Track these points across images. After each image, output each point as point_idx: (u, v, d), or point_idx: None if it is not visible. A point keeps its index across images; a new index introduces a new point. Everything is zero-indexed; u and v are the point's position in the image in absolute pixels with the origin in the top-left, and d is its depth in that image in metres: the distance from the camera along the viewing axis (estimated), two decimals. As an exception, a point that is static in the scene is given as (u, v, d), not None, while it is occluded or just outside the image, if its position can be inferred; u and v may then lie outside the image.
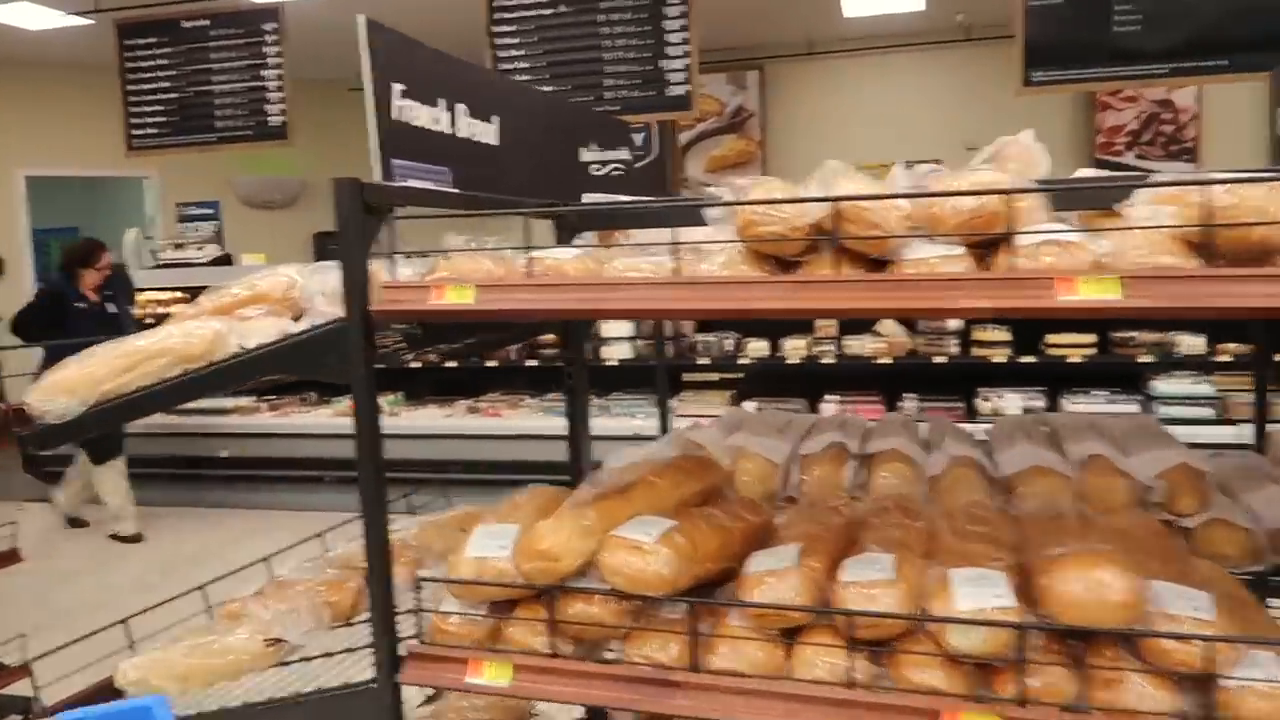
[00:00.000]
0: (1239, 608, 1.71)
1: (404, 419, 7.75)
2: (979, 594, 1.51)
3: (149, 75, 8.62)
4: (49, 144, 11.33)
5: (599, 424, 7.29)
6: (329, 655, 2.11)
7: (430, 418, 7.74)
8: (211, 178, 11.42)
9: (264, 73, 8.30)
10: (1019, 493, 2.28)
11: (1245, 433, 3.24)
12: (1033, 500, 2.14)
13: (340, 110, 10.93)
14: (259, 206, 12.38)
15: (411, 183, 2.01)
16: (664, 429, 3.60)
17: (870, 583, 1.59)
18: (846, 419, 3.01)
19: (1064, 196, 1.65)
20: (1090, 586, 1.44)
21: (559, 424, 7.39)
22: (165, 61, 8.57)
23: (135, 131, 8.69)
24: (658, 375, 3.56)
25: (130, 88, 8.63)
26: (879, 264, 1.58)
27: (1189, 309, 1.33)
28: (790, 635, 1.65)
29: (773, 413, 3.24)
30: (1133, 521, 1.95)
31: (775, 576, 1.64)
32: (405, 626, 1.88)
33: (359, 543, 2.80)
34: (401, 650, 1.81)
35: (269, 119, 8.37)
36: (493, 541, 1.77)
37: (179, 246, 9.20)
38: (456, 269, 1.78)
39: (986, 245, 1.55)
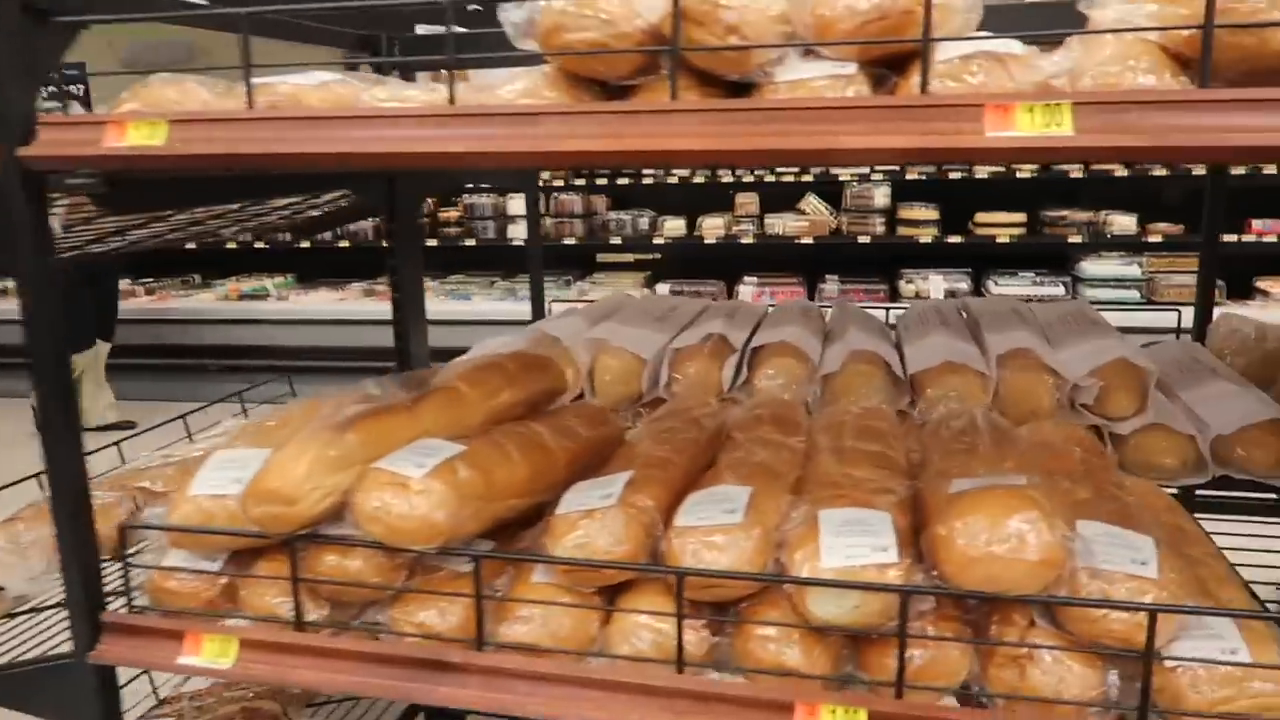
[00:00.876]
0: (1186, 548, 1.36)
1: (292, 303, 7.17)
2: (852, 545, 1.12)
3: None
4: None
5: (504, 308, 6.84)
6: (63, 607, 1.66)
7: (321, 301, 7.17)
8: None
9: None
10: (927, 395, 1.89)
11: (1171, 318, 2.92)
12: (942, 405, 1.76)
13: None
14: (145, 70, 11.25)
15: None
16: (538, 315, 3.15)
17: (713, 528, 1.19)
18: (740, 305, 2.59)
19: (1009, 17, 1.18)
20: (1000, 541, 1.06)
21: (462, 308, 6.89)
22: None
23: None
24: (529, 256, 3.08)
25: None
26: (741, 89, 1.11)
27: (1169, 149, 0.90)
28: (616, 594, 1.26)
29: (659, 297, 2.81)
30: (1058, 434, 1.58)
31: (591, 519, 1.23)
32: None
33: (176, 448, 2.34)
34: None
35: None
36: (226, 474, 1.32)
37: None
38: (156, 100, 1.27)
39: (890, 64, 1.09)
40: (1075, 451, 1.50)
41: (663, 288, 6.90)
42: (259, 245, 7.51)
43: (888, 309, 2.75)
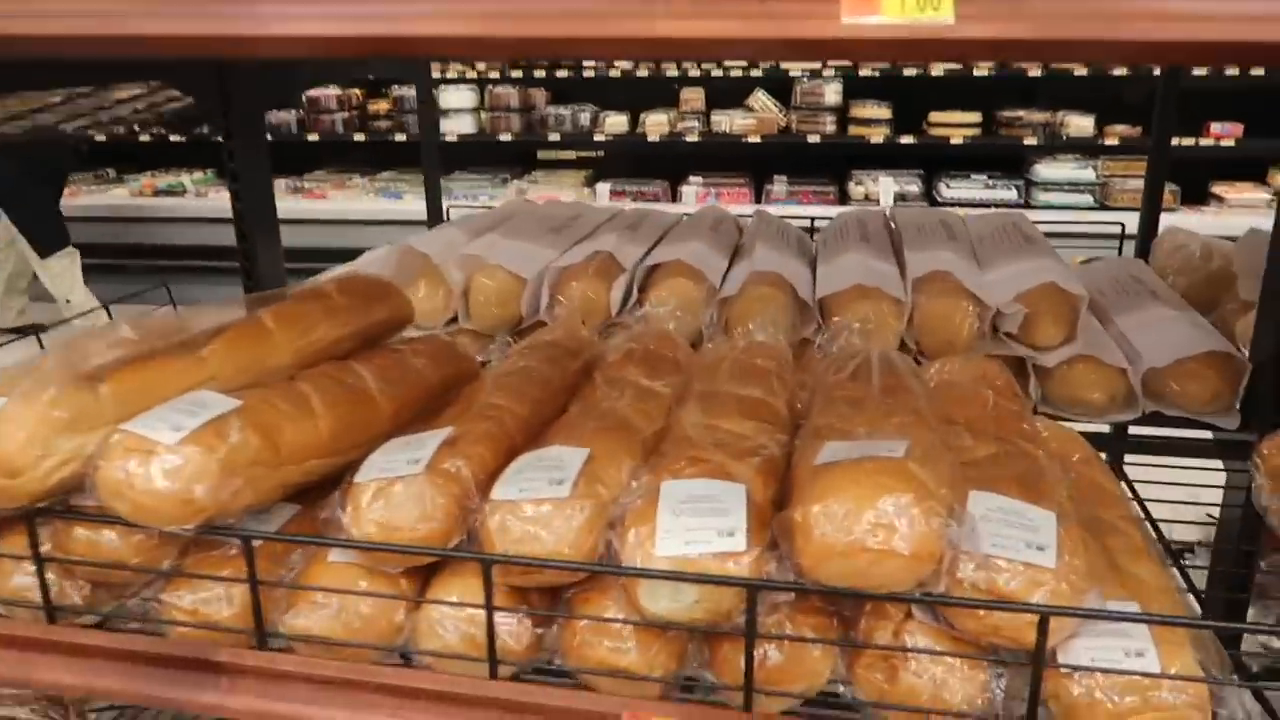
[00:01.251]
0: (1099, 509, 1.18)
1: (212, 200, 6.77)
2: (694, 527, 0.92)
3: None
4: None
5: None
6: None
7: (243, 200, 6.75)
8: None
9: None
10: (832, 323, 1.69)
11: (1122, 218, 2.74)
12: (844, 337, 1.55)
13: None
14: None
15: None
16: (435, 217, 2.89)
17: (535, 501, 0.98)
18: (648, 215, 2.35)
19: None
20: (866, 531, 0.86)
21: (392, 208, 6.56)
22: None
23: None
24: (423, 153, 2.80)
25: None
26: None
27: (1082, 43, 0.67)
28: (433, 575, 1.06)
29: (562, 204, 2.56)
30: (969, 372, 1.38)
31: (392, 489, 1.02)
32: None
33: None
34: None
35: None
36: (-39, 429, 1.08)
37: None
38: None
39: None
40: (985, 395, 1.31)
41: (604, 187, 6.59)
42: (175, 138, 7.04)
43: (812, 220, 2.53)
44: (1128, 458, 2.18)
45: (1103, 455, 1.46)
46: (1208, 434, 1.73)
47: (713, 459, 1.03)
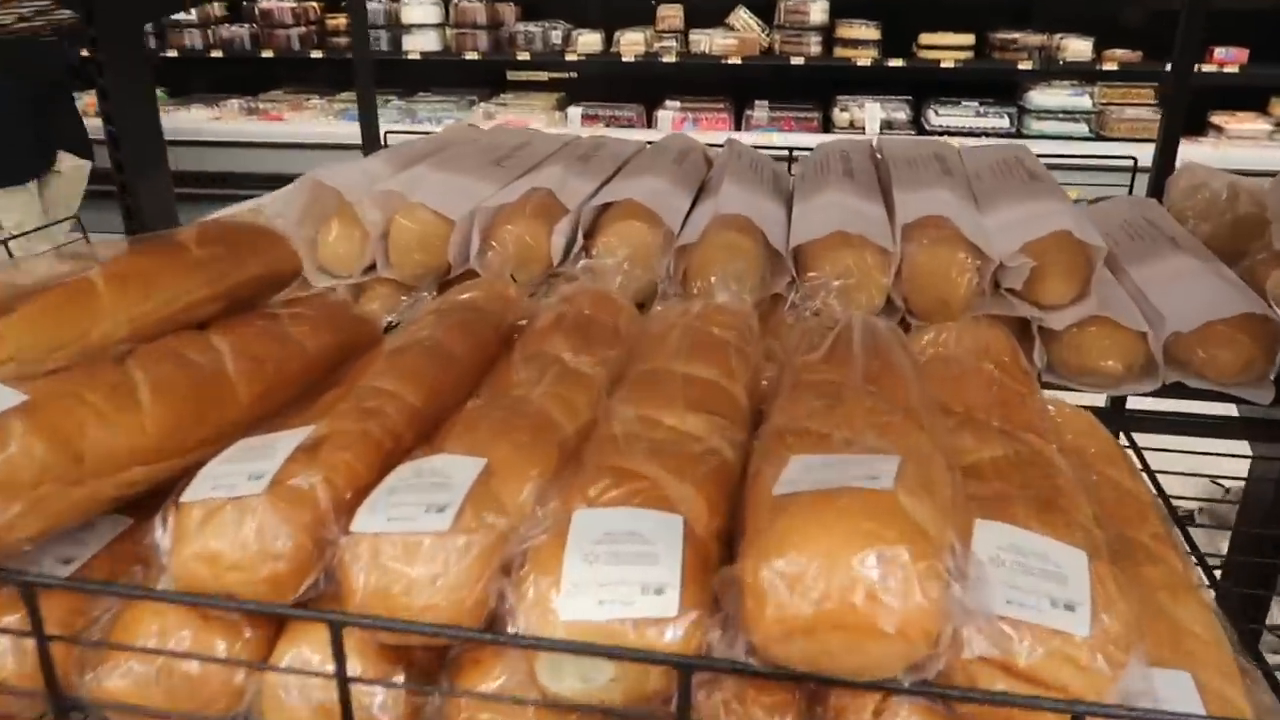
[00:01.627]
0: (1128, 527, 0.96)
1: (165, 119, 6.35)
2: (610, 580, 0.69)
3: None
4: None
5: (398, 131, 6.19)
6: None
7: (194, 121, 6.38)
8: None
9: None
10: (808, 279, 1.44)
11: (1121, 152, 2.50)
12: (822, 296, 1.30)
13: None
14: None
15: None
16: (372, 144, 2.61)
17: (410, 535, 0.74)
18: (603, 144, 2.07)
19: None
20: (838, 600, 0.63)
21: (352, 130, 6.20)
22: None
23: None
24: (356, 70, 2.50)
25: None
26: None
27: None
28: (282, 625, 0.82)
29: (510, 130, 2.27)
30: (968, 342, 1.14)
31: (223, 513, 0.78)
32: None
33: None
34: None
35: None
36: None
37: None
38: None
39: None
40: (988, 372, 1.08)
41: (575, 111, 6.24)
42: (120, 54, 6.58)
43: (791, 151, 2.26)
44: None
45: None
46: (1217, 407, 1.51)
47: (644, 474, 0.79)
